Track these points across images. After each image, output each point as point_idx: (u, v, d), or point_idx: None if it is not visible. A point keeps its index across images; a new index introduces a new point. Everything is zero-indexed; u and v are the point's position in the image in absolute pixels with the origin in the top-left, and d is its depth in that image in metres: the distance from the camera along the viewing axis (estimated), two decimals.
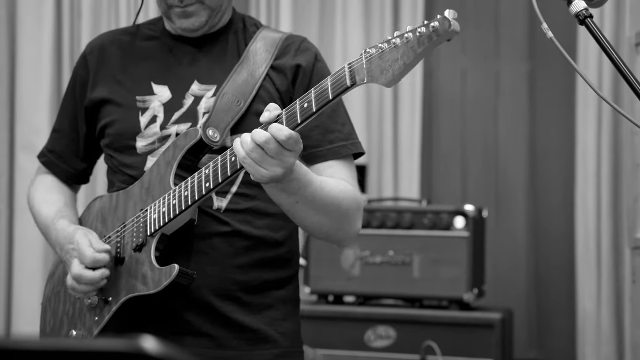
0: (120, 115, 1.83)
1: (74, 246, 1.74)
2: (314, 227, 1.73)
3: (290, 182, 1.55)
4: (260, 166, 1.50)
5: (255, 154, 1.49)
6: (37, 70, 3.84)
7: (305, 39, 1.88)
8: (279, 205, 1.66)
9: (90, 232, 1.77)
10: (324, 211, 1.67)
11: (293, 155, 1.50)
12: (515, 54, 4.06)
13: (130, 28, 1.96)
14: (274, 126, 1.48)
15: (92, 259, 1.70)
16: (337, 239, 1.79)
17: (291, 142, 1.48)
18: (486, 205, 3.76)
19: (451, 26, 1.34)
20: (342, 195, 1.71)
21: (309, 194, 1.61)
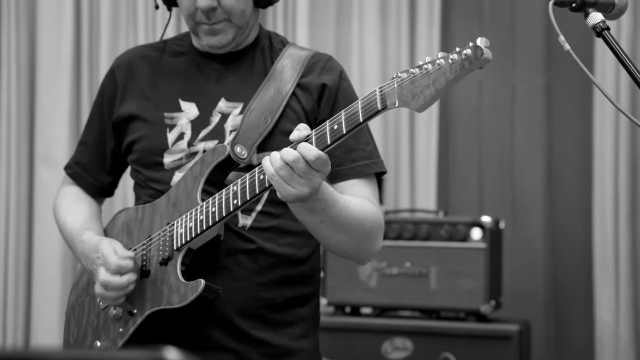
0: (148, 132, 1.85)
1: (99, 255, 1.76)
2: (337, 246, 1.74)
3: (316, 202, 1.57)
4: (288, 184, 1.51)
5: (283, 172, 1.51)
6: (56, 83, 3.87)
7: (330, 57, 1.90)
8: (304, 224, 1.68)
9: (114, 242, 1.80)
10: (347, 231, 1.69)
11: (321, 176, 1.52)
12: (532, 65, 4.06)
13: (158, 44, 1.98)
14: (303, 146, 1.50)
15: (116, 265, 1.72)
16: (358, 257, 1.81)
17: (319, 162, 1.49)
18: (503, 216, 3.76)
19: (483, 54, 1.34)
20: (365, 215, 1.73)
21: (334, 214, 1.63)
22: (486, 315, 3.34)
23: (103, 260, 1.74)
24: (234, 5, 1.78)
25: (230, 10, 1.78)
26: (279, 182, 1.52)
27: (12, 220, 3.87)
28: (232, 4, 1.77)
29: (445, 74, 1.37)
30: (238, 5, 1.78)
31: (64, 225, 1.97)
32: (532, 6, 4.04)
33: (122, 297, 1.75)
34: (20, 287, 3.91)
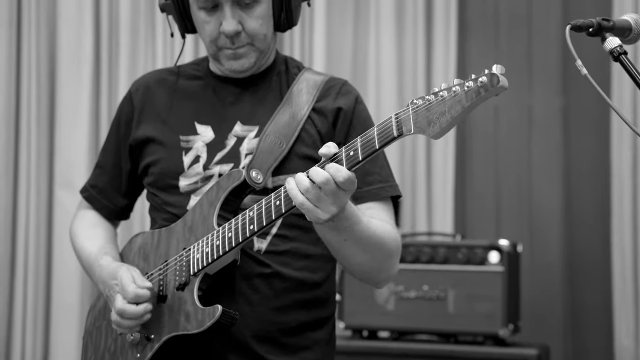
0: (164, 155, 1.86)
1: (117, 282, 1.77)
2: (357, 267, 1.74)
3: (340, 220, 1.56)
4: (316, 206, 1.51)
5: (311, 194, 1.50)
6: (76, 109, 3.91)
7: (346, 82, 1.91)
8: (327, 243, 1.67)
9: (133, 269, 1.80)
10: (369, 250, 1.69)
11: (347, 195, 1.51)
12: (549, 88, 4.06)
13: (174, 68, 1.99)
14: (334, 167, 1.49)
15: (134, 294, 1.72)
16: (376, 279, 1.81)
17: (348, 183, 1.49)
18: (521, 239, 3.74)
19: (499, 82, 1.33)
20: (386, 235, 1.73)
21: (357, 232, 1.63)
22: (504, 339, 3.32)
23: (121, 288, 1.75)
24: (257, 29, 1.79)
25: (254, 35, 1.80)
26: (309, 208, 1.51)
27: (32, 244, 3.89)
28: (256, 28, 1.79)
29: (461, 101, 1.37)
30: (261, 30, 1.80)
31: (81, 249, 1.98)
32: (549, 28, 4.04)
33: (137, 326, 1.75)
34: (39, 311, 3.93)
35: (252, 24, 1.79)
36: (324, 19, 3.92)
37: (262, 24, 1.80)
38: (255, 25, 1.79)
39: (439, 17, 3.97)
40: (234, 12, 1.77)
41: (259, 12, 1.79)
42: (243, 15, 1.78)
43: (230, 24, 1.77)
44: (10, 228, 3.93)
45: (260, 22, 1.79)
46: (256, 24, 1.79)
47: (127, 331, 1.77)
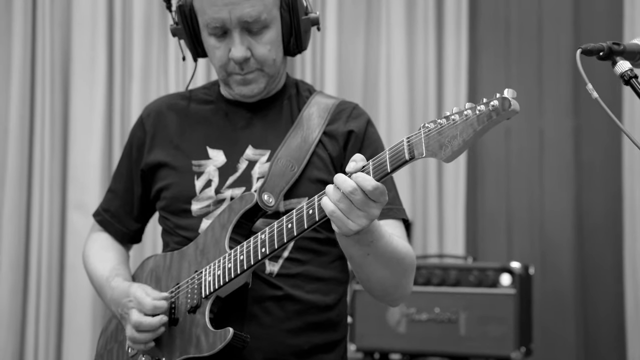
0: (176, 179, 1.87)
1: (131, 298, 1.77)
2: (377, 284, 1.73)
3: (366, 234, 1.56)
4: (347, 218, 1.50)
5: (343, 204, 1.49)
6: (89, 132, 3.93)
7: (357, 105, 1.92)
8: (350, 257, 1.67)
9: (144, 285, 1.82)
10: (389, 266, 1.69)
11: (378, 207, 1.51)
12: (560, 110, 4.06)
13: (186, 93, 2.01)
14: (360, 176, 1.49)
15: (151, 306, 1.73)
16: (393, 297, 1.80)
17: (377, 192, 1.48)
18: (532, 262, 3.73)
19: (511, 106, 1.34)
20: (405, 251, 1.74)
21: (381, 247, 1.63)
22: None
23: (136, 303, 1.76)
24: (266, 55, 1.81)
25: (263, 60, 1.81)
26: (339, 217, 1.50)
27: (44, 266, 3.91)
28: (265, 53, 1.80)
29: (473, 124, 1.38)
30: (270, 55, 1.81)
31: (93, 272, 1.99)
32: (559, 50, 4.05)
33: (152, 340, 1.76)
34: (51, 333, 3.93)
35: (260, 49, 1.80)
36: (335, 28, 3.94)
37: (270, 49, 1.81)
38: (264, 51, 1.80)
39: (450, 38, 3.99)
40: (243, 39, 1.78)
41: (268, 38, 1.80)
42: (252, 41, 1.79)
43: (239, 51, 1.78)
44: (24, 249, 3.94)
45: (269, 48, 1.80)
46: (265, 49, 1.80)
47: (142, 347, 1.77)
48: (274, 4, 1.80)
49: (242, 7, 1.75)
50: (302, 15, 1.83)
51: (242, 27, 1.78)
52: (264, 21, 1.78)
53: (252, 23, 1.77)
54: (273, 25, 1.80)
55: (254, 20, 1.76)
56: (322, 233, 1.81)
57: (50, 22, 3.98)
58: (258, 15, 1.76)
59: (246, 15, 1.76)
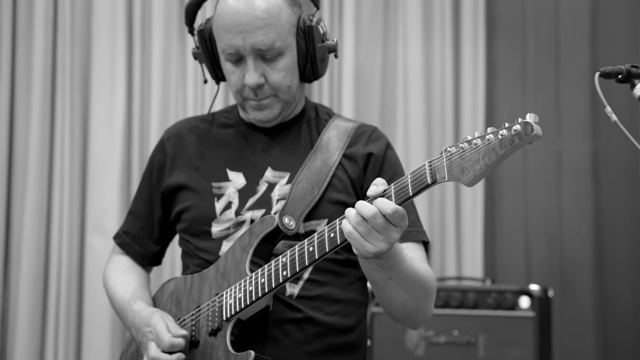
0: (196, 201, 1.88)
1: (151, 329, 1.78)
2: (398, 307, 1.73)
3: (388, 258, 1.57)
4: (366, 241, 1.51)
5: (362, 227, 1.50)
6: (107, 155, 3.96)
7: (376, 128, 1.93)
8: (372, 281, 1.67)
9: (167, 316, 1.81)
10: (411, 290, 1.70)
11: (398, 231, 1.51)
12: (578, 132, 4.05)
13: (207, 116, 2.03)
14: (380, 200, 1.49)
15: (169, 344, 1.73)
16: (414, 320, 1.80)
17: (397, 217, 1.49)
18: (551, 284, 3.71)
19: (533, 130, 1.35)
20: (426, 274, 1.74)
21: (403, 271, 1.63)
22: None
23: (155, 336, 1.76)
24: (280, 81, 1.82)
25: (277, 87, 1.83)
26: (358, 240, 1.51)
27: (64, 289, 3.92)
28: (279, 80, 1.82)
29: (495, 149, 1.38)
30: (284, 82, 1.82)
31: (114, 294, 1.99)
32: (576, 73, 4.05)
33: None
34: (70, 355, 3.94)
35: (275, 76, 1.81)
36: (352, 48, 3.96)
37: (285, 76, 1.82)
38: (278, 77, 1.82)
39: (467, 60, 4.00)
40: (257, 65, 1.80)
41: (283, 65, 1.81)
42: (266, 68, 1.81)
43: (253, 77, 1.80)
44: (43, 271, 3.97)
45: (283, 75, 1.82)
46: (279, 76, 1.82)
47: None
48: (289, 31, 1.81)
49: (256, 35, 1.77)
50: (318, 42, 1.84)
51: (256, 54, 1.79)
52: (278, 49, 1.79)
53: (265, 50, 1.79)
54: (288, 52, 1.82)
55: (267, 47, 1.78)
56: (342, 254, 1.81)
57: (70, 47, 4.02)
58: (272, 43, 1.78)
59: (259, 43, 1.77)
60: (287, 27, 1.80)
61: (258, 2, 1.78)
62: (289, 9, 1.81)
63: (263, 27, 1.77)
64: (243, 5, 1.77)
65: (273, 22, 1.77)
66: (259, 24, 1.76)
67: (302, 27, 1.82)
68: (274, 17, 1.78)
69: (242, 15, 1.77)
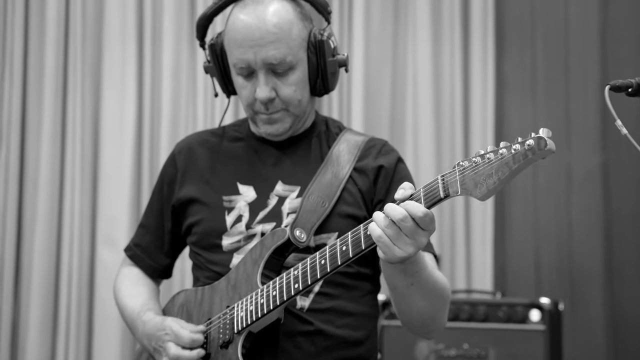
0: (207, 215, 1.89)
1: (167, 331, 1.79)
2: (417, 315, 1.74)
3: (411, 264, 1.57)
4: (395, 245, 1.51)
5: (391, 230, 1.50)
6: (118, 168, 3.98)
7: (386, 142, 1.94)
8: (393, 288, 1.67)
9: (178, 319, 1.84)
10: (430, 297, 1.70)
11: (426, 235, 1.51)
12: (588, 145, 4.05)
13: (217, 130, 2.04)
14: (410, 203, 1.49)
15: (189, 339, 1.75)
16: (429, 329, 1.80)
17: (427, 220, 1.49)
18: (562, 297, 3.70)
19: (547, 145, 1.35)
20: (444, 283, 1.75)
21: (424, 277, 1.64)
22: None
23: (173, 336, 1.77)
24: (291, 95, 1.83)
25: (288, 101, 1.84)
26: (386, 243, 1.51)
27: (74, 300, 3.94)
28: (290, 94, 1.83)
29: (508, 163, 1.38)
30: (295, 96, 1.83)
31: (124, 306, 2.00)
32: (587, 86, 4.05)
33: None
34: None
35: (286, 90, 1.82)
36: (362, 65, 3.98)
37: (295, 90, 1.83)
38: (289, 91, 1.83)
39: (476, 73, 4.01)
40: (268, 79, 1.81)
41: (293, 79, 1.82)
42: (277, 82, 1.82)
43: (264, 91, 1.81)
44: (54, 283, 3.98)
45: (294, 89, 1.83)
46: (290, 90, 1.82)
47: None
48: (300, 46, 1.82)
49: (267, 49, 1.78)
50: (329, 57, 1.85)
51: (267, 68, 1.80)
52: (289, 63, 1.80)
53: (277, 65, 1.80)
54: (299, 66, 1.83)
55: (278, 62, 1.79)
56: (353, 267, 1.82)
57: (81, 60, 4.05)
58: (283, 58, 1.79)
59: (271, 57, 1.78)
60: (298, 42, 1.81)
61: (269, 16, 1.79)
62: (300, 24, 1.82)
63: (274, 41, 1.78)
64: (255, 20, 1.78)
65: (284, 36, 1.78)
66: (270, 38, 1.77)
67: (313, 41, 1.83)
68: (285, 32, 1.79)
69: (253, 30, 1.78)
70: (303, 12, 1.85)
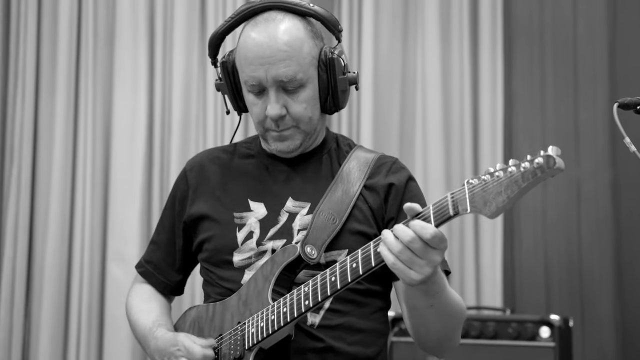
0: (218, 231, 1.90)
1: (179, 347, 1.80)
2: (434, 335, 1.74)
3: (433, 285, 1.58)
4: (410, 269, 1.52)
5: (404, 256, 1.50)
6: (129, 185, 4.00)
7: (396, 159, 1.95)
8: (412, 309, 1.68)
9: (190, 335, 1.84)
10: (448, 318, 1.71)
11: (439, 253, 1.52)
12: (597, 161, 4.05)
13: (228, 146, 2.05)
14: (418, 224, 1.50)
15: (201, 354, 1.76)
16: (445, 348, 1.81)
17: (436, 240, 1.50)
18: (572, 314, 3.69)
19: (556, 164, 1.36)
20: (461, 303, 1.76)
21: (444, 299, 1.65)
22: None
23: (185, 351, 1.78)
24: (302, 113, 1.84)
25: (299, 118, 1.85)
26: (402, 269, 1.52)
27: (84, 317, 3.95)
28: (300, 111, 1.84)
29: (518, 181, 1.39)
30: (306, 113, 1.85)
31: (136, 322, 2.01)
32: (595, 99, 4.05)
33: None
34: None
35: (296, 108, 1.83)
36: (372, 64, 4.00)
37: (306, 107, 1.84)
38: (299, 109, 1.84)
39: (485, 89, 4.02)
40: (279, 97, 1.82)
41: (304, 96, 1.83)
42: (288, 100, 1.83)
43: (274, 109, 1.82)
44: (64, 299, 4.00)
45: (304, 106, 1.84)
46: (300, 108, 1.83)
47: None
48: (310, 63, 1.83)
49: (278, 67, 1.79)
50: (339, 74, 1.86)
51: (278, 86, 1.81)
52: (300, 80, 1.81)
53: (287, 82, 1.81)
54: (309, 84, 1.84)
55: (289, 79, 1.80)
56: (363, 284, 1.82)
57: (92, 82, 4.08)
58: (294, 75, 1.80)
59: (282, 74, 1.80)
60: (308, 60, 1.82)
61: (280, 34, 1.80)
62: (311, 42, 1.84)
63: (285, 59, 1.79)
64: (266, 38, 1.80)
65: (295, 54, 1.80)
66: (281, 56, 1.79)
67: (323, 59, 1.84)
68: (296, 50, 1.80)
69: (264, 48, 1.79)
70: (314, 31, 1.86)
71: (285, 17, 1.82)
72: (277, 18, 1.82)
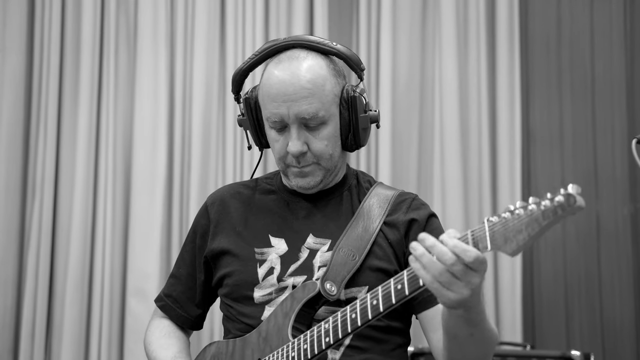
0: (239, 267, 1.91)
1: None
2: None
3: (477, 313, 1.57)
4: (448, 290, 1.50)
5: (443, 277, 1.49)
6: (149, 220, 4.01)
7: (416, 196, 1.95)
8: (452, 337, 1.66)
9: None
10: (484, 347, 1.70)
11: (479, 276, 1.50)
12: (617, 195, 4.03)
13: (250, 182, 2.06)
14: (460, 248, 1.48)
15: None
16: None
17: (477, 263, 1.48)
18: (593, 349, 3.66)
19: (576, 202, 1.36)
20: (495, 331, 1.74)
21: (484, 328, 1.63)
22: None
23: None
24: (323, 149, 1.86)
25: (320, 155, 1.86)
26: (439, 289, 1.50)
27: (104, 352, 3.95)
28: (321, 148, 1.85)
29: (538, 219, 1.39)
30: (327, 150, 1.86)
31: (155, 359, 2.01)
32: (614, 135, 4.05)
33: None
34: None
35: (317, 145, 1.85)
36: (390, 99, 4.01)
37: (327, 144, 1.85)
38: (320, 146, 1.85)
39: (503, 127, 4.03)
40: (300, 134, 1.84)
41: (325, 134, 1.85)
42: (309, 136, 1.84)
43: (296, 145, 1.83)
44: (85, 335, 4.00)
45: (325, 143, 1.85)
46: (322, 145, 1.85)
47: None
48: (332, 101, 1.85)
49: (300, 104, 1.81)
50: (361, 112, 1.87)
51: (299, 123, 1.83)
52: (322, 118, 1.83)
53: (309, 119, 1.82)
54: (331, 121, 1.85)
55: (311, 117, 1.82)
56: (383, 321, 1.82)
57: (114, 116, 4.11)
58: (315, 113, 1.82)
59: (304, 112, 1.81)
60: (330, 97, 1.84)
61: (303, 72, 1.82)
62: (333, 80, 1.86)
63: (308, 96, 1.81)
64: (289, 76, 1.82)
65: (317, 92, 1.82)
66: (303, 93, 1.81)
67: (345, 97, 1.86)
68: (319, 87, 1.82)
69: (287, 85, 1.81)
70: (336, 69, 1.88)
71: (308, 55, 1.85)
72: (300, 56, 1.84)
